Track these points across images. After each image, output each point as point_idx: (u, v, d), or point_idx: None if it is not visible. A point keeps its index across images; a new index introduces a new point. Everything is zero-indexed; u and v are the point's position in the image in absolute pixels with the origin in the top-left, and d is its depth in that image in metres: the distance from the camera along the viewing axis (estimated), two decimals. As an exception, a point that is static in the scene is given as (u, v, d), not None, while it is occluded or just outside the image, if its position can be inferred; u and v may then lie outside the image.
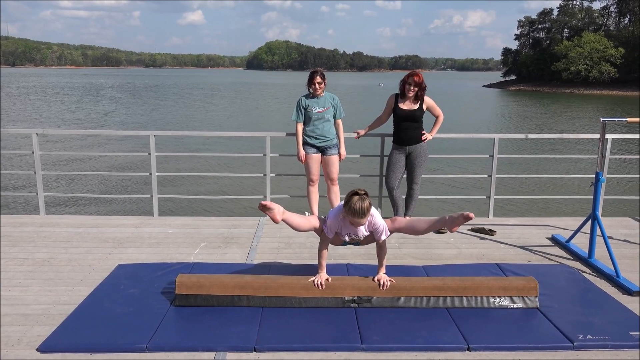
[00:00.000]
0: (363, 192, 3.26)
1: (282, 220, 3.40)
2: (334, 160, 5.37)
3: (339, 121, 5.40)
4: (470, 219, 3.32)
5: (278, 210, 3.34)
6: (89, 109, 35.38)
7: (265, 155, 5.79)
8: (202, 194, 11.48)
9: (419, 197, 5.40)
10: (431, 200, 10.32)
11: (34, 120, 27.73)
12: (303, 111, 5.28)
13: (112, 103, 41.48)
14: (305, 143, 5.35)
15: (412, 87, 4.97)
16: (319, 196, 5.60)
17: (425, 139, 5.17)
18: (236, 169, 14.60)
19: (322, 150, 5.36)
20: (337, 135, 5.42)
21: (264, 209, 3.32)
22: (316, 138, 5.29)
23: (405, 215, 5.34)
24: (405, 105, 5.07)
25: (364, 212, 3.24)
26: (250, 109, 38.35)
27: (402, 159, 5.20)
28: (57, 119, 29.05)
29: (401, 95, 5.10)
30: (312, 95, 5.27)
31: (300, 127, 5.34)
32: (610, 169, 12.26)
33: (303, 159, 5.36)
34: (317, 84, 5.18)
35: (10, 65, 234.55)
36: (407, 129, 5.10)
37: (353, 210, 3.23)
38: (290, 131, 5.62)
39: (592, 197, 4.47)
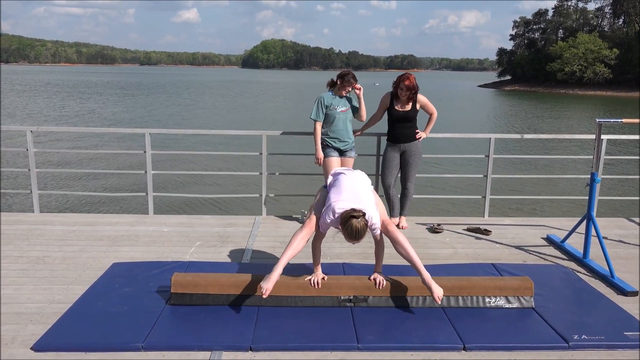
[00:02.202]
0: (361, 214, 3.21)
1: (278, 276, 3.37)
2: (352, 163, 5.25)
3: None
4: (436, 302, 3.33)
5: (274, 280, 3.28)
6: (74, 106, 35.29)
7: (261, 153, 5.78)
8: (198, 193, 11.45)
9: (415, 196, 5.41)
10: (427, 200, 10.34)
11: (17, 117, 27.60)
12: (324, 109, 5.02)
13: (100, 101, 41.36)
14: (326, 146, 5.10)
15: (404, 92, 4.96)
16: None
17: (420, 137, 5.18)
18: (231, 167, 14.58)
19: (342, 152, 5.18)
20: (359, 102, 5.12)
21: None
22: (340, 140, 5.08)
23: (400, 214, 5.35)
24: (399, 106, 5.08)
25: (360, 235, 3.20)
26: (241, 107, 38.35)
27: (396, 157, 5.21)
28: (42, 115, 28.99)
29: (395, 97, 5.11)
30: (335, 94, 5.06)
31: (319, 126, 5.04)
32: (605, 170, 12.31)
33: (321, 161, 5.09)
34: (347, 87, 4.96)
35: (3, 62, 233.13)
36: (401, 128, 5.12)
37: (350, 234, 3.17)
38: (281, 129, 5.55)
39: (587, 197, 4.49)
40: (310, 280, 3.51)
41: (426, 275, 3.35)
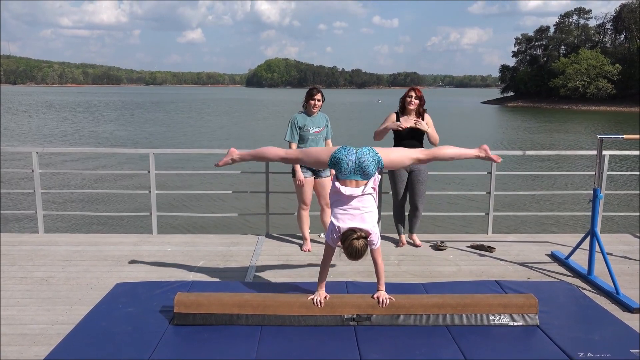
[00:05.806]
0: (362, 235, 3.24)
1: (240, 158, 3.77)
2: (328, 182, 5.15)
3: (329, 141, 5.23)
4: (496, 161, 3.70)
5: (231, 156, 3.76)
6: (67, 125, 35.76)
7: (264, 172, 5.80)
8: (201, 212, 11.46)
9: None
10: (430, 217, 10.28)
11: (5, 136, 27.88)
12: (298, 131, 5.02)
13: (95, 120, 41.81)
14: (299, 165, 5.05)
15: (413, 100, 5.00)
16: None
17: (418, 123, 4.98)
18: (235, 186, 14.59)
19: (316, 173, 5.14)
20: None
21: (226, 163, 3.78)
22: None
23: (412, 231, 5.34)
24: (407, 123, 5.04)
25: (360, 255, 3.24)
26: (242, 123, 38.65)
27: (405, 175, 5.19)
28: (30, 134, 29.32)
29: (401, 113, 5.12)
30: (307, 113, 5.07)
31: (295, 147, 4.99)
32: (610, 185, 12.28)
33: (303, 183, 5.06)
34: (316, 101, 4.97)
35: (11, 83, 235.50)
36: (408, 146, 5.00)
37: (350, 253, 3.22)
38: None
39: (590, 213, 4.48)
40: (313, 299, 3.50)
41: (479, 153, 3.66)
